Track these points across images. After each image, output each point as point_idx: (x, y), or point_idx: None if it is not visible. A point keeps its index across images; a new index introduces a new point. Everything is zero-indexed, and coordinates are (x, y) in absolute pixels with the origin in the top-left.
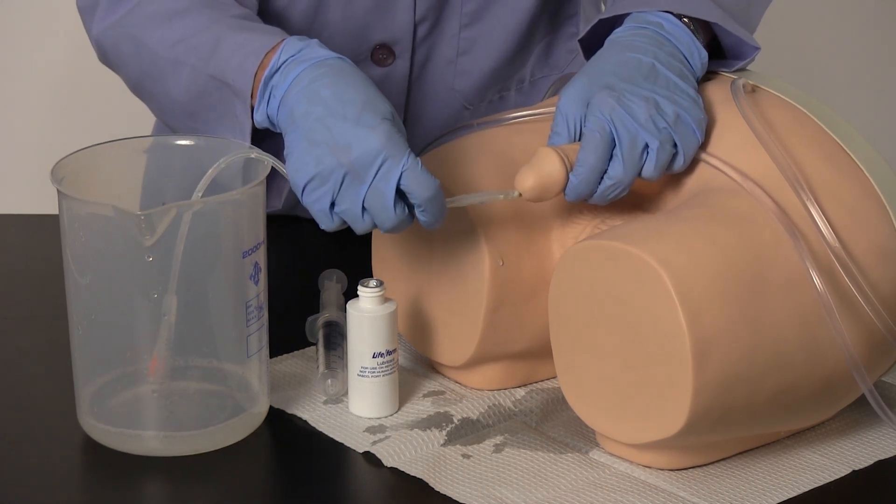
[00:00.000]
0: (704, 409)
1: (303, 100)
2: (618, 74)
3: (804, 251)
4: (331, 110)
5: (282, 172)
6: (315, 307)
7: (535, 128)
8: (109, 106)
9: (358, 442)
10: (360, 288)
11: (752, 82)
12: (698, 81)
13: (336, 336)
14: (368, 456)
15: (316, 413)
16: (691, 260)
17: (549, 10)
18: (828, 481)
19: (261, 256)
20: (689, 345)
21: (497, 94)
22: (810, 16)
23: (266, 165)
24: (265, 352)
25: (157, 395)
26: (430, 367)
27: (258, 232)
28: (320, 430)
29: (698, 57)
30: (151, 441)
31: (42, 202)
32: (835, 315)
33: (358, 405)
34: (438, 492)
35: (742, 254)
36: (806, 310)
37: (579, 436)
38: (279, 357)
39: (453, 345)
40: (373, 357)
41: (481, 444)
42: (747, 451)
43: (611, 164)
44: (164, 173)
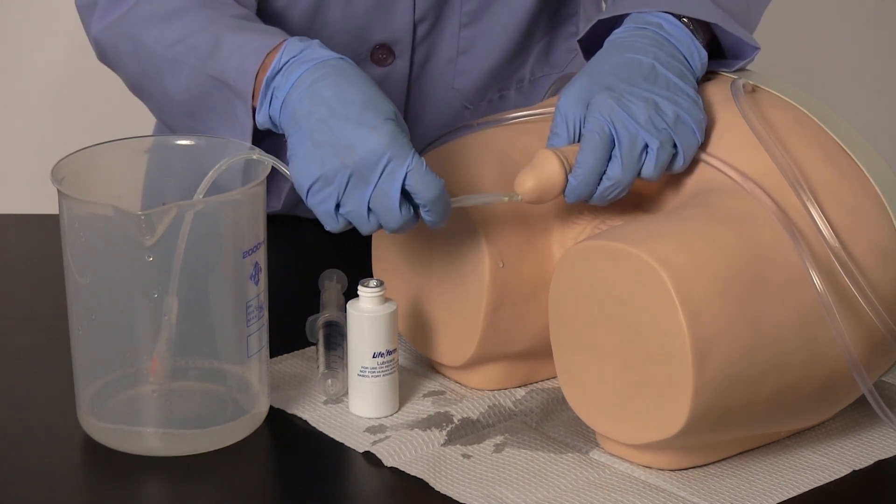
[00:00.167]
0: (704, 410)
1: (305, 101)
2: (617, 75)
3: (804, 251)
4: (333, 111)
5: (283, 173)
6: (315, 307)
7: (535, 128)
8: (109, 106)
9: (358, 442)
10: (360, 288)
11: (752, 82)
12: (698, 81)
13: (336, 336)
14: (368, 456)
15: (316, 413)
16: (691, 260)
17: (548, 10)
18: (828, 481)
19: (261, 256)
20: (689, 345)
21: (497, 94)
22: (810, 16)
23: (266, 165)
24: (265, 352)
25: (157, 394)
26: (430, 367)
27: (258, 232)
28: (320, 430)
29: (698, 57)
30: (151, 439)
31: (42, 202)
32: (835, 315)
33: (358, 405)
34: (438, 492)
35: (742, 254)
36: (806, 310)
37: (579, 436)
38: (279, 357)
39: (453, 345)
40: (373, 357)
41: (481, 444)
42: (747, 451)
43: (610, 165)
44: (165, 173)
